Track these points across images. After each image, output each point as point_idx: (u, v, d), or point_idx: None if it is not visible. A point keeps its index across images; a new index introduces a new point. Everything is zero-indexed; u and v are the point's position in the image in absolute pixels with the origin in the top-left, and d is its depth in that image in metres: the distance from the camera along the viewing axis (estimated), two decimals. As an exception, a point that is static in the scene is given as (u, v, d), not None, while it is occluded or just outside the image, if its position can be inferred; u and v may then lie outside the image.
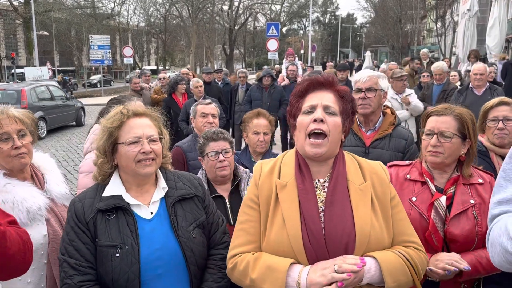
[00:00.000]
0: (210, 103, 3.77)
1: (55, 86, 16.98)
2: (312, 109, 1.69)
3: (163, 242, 1.85)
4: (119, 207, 1.85)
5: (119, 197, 1.87)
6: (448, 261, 2.01)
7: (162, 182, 1.98)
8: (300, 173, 1.72)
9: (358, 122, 3.17)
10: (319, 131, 1.66)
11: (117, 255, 1.78)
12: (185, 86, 8.11)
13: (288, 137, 9.22)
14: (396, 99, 6.09)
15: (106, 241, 1.80)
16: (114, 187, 1.90)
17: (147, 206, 1.91)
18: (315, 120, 1.66)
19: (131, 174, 1.90)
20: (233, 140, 2.90)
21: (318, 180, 1.74)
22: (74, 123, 16.69)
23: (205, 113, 3.65)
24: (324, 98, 1.71)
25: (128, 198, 1.88)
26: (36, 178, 2.19)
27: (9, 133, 2.04)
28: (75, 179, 8.28)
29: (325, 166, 1.74)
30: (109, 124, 1.88)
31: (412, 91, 6.39)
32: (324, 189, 1.72)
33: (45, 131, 14.24)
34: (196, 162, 3.10)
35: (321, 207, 1.67)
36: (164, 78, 9.83)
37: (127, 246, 1.79)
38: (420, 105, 6.07)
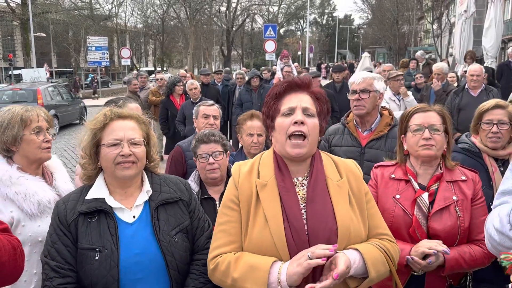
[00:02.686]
0: (212, 104, 3.82)
1: (62, 87, 18.87)
2: (291, 111, 1.73)
3: (143, 246, 1.84)
4: (101, 210, 1.84)
5: (102, 200, 1.86)
6: (428, 245, 2.08)
7: (146, 186, 1.97)
8: (280, 172, 1.76)
9: (355, 123, 3.22)
10: (299, 133, 1.71)
11: (96, 258, 1.77)
12: (182, 87, 8.11)
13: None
14: (394, 100, 6.14)
15: (87, 244, 1.80)
16: (98, 190, 1.90)
17: (130, 209, 1.90)
18: (295, 122, 1.71)
19: (112, 176, 1.89)
20: (227, 142, 2.92)
21: (297, 178, 1.78)
22: (78, 121, 17.53)
23: (207, 114, 3.71)
24: (302, 100, 1.75)
25: (111, 201, 1.87)
26: (47, 175, 2.35)
27: (42, 128, 2.26)
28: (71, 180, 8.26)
29: (303, 165, 1.79)
30: (92, 125, 1.88)
31: (410, 93, 6.45)
32: (303, 186, 1.76)
33: (57, 128, 15.20)
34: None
35: (302, 204, 1.72)
36: (161, 79, 9.77)
37: (106, 249, 1.78)
38: (415, 102, 6.14)
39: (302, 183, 1.77)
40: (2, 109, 2.29)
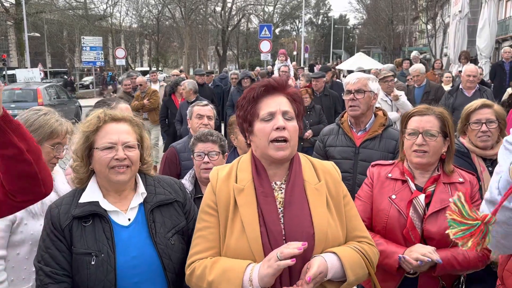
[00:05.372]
0: (206, 104, 3.81)
1: (59, 86, 19.28)
2: (271, 115, 1.71)
3: (140, 250, 1.81)
4: (96, 214, 1.81)
5: (96, 203, 1.83)
6: (422, 252, 2.06)
7: (141, 188, 1.94)
8: (258, 177, 1.74)
9: (349, 123, 3.23)
10: (282, 139, 1.69)
11: (93, 263, 1.74)
12: None
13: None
14: (386, 101, 6.14)
15: (82, 248, 1.77)
16: (91, 193, 1.86)
17: (124, 212, 1.87)
18: (277, 128, 1.69)
19: (106, 180, 1.86)
20: (225, 144, 2.92)
21: (275, 183, 1.77)
22: (73, 120, 17.29)
23: (201, 114, 3.71)
24: (281, 104, 1.72)
25: (105, 204, 1.84)
26: None
27: (61, 144, 2.33)
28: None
29: (281, 169, 1.77)
30: (85, 128, 1.85)
31: (403, 93, 6.45)
32: (281, 190, 1.75)
33: None
34: (189, 162, 3.13)
35: (280, 208, 1.71)
36: (145, 83, 9.10)
37: (102, 254, 1.75)
38: (408, 103, 6.14)
39: (281, 187, 1.76)
40: (40, 108, 2.35)
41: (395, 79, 6.90)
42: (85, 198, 1.85)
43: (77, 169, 1.88)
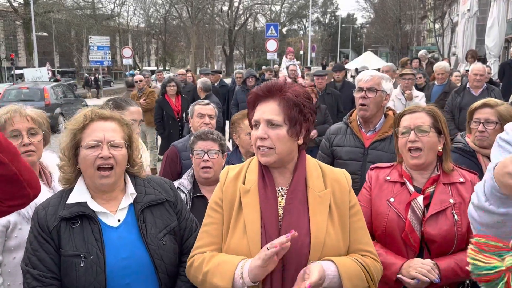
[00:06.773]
0: (207, 103, 3.78)
1: (66, 86, 19.58)
2: (257, 123, 1.72)
3: (130, 251, 1.78)
4: (84, 215, 1.77)
5: (84, 204, 1.79)
6: (420, 270, 1.99)
7: (130, 188, 1.89)
8: (263, 180, 1.74)
9: (358, 123, 3.14)
10: (263, 147, 1.69)
11: (82, 265, 1.71)
12: (174, 88, 7.84)
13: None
14: (401, 99, 6.04)
15: (71, 250, 1.73)
16: (79, 194, 1.82)
17: (114, 213, 1.83)
18: (257, 138, 1.69)
19: (91, 181, 1.82)
20: (225, 144, 2.89)
21: (281, 188, 1.75)
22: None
23: (202, 113, 3.67)
24: (266, 112, 1.69)
25: (93, 205, 1.80)
26: (44, 176, 2.28)
27: (19, 130, 2.16)
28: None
29: (286, 173, 1.76)
30: (71, 126, 1.82)
31: (422, 94, 6.35)
32: (284, 196, 1.73)
33: (63, 126, 15.09)
34: (190, 161, 3.10)
35: (282, 214, 1.70)
36: (140, 81, 8.92)
37: (92, 255, 1.72)
38: (423, 103, 6.04)
39: (285, 193, 1.75)
40: None
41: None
42: (72, 198, 1.81)
43: (64, 169, 1.84)
